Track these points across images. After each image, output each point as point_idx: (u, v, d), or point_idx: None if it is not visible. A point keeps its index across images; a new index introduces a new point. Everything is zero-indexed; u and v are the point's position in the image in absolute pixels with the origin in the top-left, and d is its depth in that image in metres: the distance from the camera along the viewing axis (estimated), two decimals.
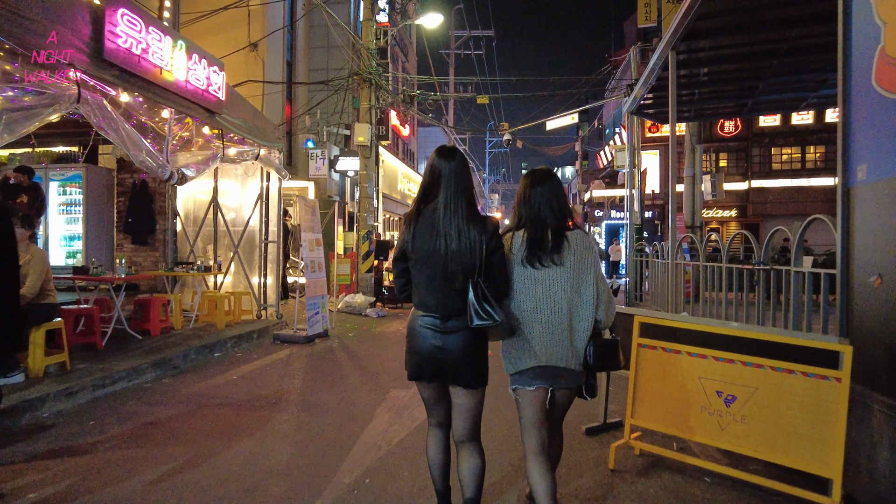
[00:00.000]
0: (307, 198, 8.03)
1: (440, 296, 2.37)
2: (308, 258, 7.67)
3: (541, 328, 2.40)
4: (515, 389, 2.48)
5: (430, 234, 2.37)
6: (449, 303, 2.36)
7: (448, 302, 2.36)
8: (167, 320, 7.39)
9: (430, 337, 2.38)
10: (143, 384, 5.37)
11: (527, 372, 2.43)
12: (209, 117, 6.75)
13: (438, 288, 2.37)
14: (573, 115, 17.86)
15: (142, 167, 5.47)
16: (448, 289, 2.35)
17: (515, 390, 2.49)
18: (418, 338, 2.42)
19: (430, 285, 2.39)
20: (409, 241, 2.42)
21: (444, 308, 2.37)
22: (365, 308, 11.44)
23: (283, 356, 6.91)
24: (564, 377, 2.44)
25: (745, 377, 3.22)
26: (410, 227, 2.43)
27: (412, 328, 2.46)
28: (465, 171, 2.45)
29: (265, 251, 8.99)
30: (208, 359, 6.60)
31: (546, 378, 2.42)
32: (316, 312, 7.85)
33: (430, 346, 2.38)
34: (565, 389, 2.49)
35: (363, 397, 5.10)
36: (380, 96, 12.74)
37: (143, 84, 5.52)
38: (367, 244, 12.20)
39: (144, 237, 8.91)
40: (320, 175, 12.65)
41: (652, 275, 11.01)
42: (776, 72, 8.92)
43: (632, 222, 12.29)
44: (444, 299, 2.37)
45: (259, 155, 8.06)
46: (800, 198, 22.75)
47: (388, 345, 7.87)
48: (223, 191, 9.19)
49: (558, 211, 2.47)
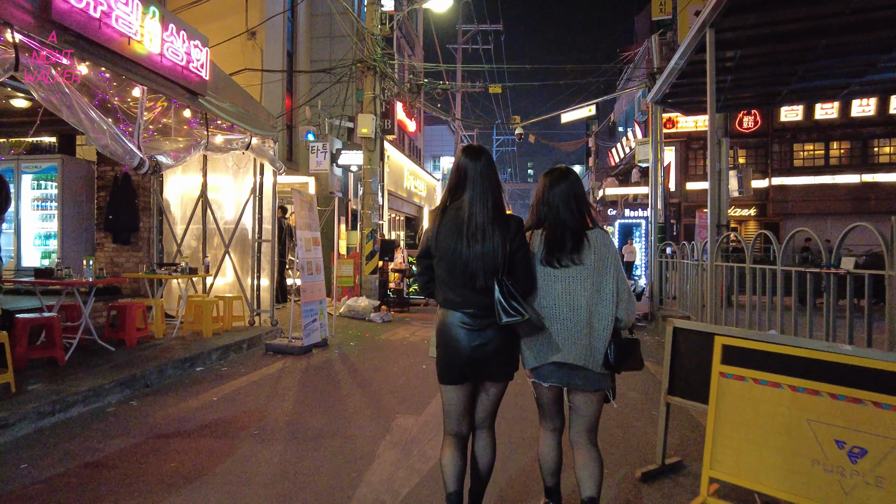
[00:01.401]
0: (303, 192, 7.22)
1: (464, 293, 2.39)
2: (304, 259, 6.84)
3: (559, 325, 2.40)
4: (534, 382, 2.55)
5: (453, 232, 2.38)
6: (474, 300, 2.38)
7: (473, 299, 2.38)
8: (146, 329, 6.59)
9: (464, 335, 2.38)
10: (105, 408, 4.54)
11: (545, 367, 2.45)
12: (190, 99, 5.94)
13: (461, 285, 2.39)
14: (589, 107, 16.97)
15: (104, 152, 4.66)
16: (471, 286, 2.36)
17: (533, 383, 2.55)
18: (450, 336, 2.40)
19: (453, 282, 2.41)
20: (433, 238, 2.44)
21: (471, 305, 2.38)
22: (369, 312, 10.62)
23: (275, 371, 6.08)
24: (581, 377, 2.42)
25: (880, 424, 2.37)
26: (434, 225, 2.45)
27: (443, 326, 2.43)
28: (491, 171, 2.45)
29: (258, 251, 8.18)
30: (188, 374, 5.78)
31: (562, 377, 2.44)
32: (313, 320, 7.02)
33: (464, 343, 2.37)
34: (584, 392, 2.46)
35: (363, 427, 4.26)
36: (385, 86, 11.91)
37: (107, 55, 4.71)
38: (371, 244, 11.37)
39: (127, 236, 8.11)
40: (321, 170, 11.81)
41: (679, 277, 10.17)
42: (822, 53, 8.04)
43: (655, 221, 11.41)
44: (467, 296, 2.38)
45: (250, 144, 7.25)
46: (823, 196, 21.77)
47: (393, 356, 7.03)
48: (214, 186, 8.39)
49: (577, 211, 2.46)
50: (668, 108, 11.78)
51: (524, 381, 2.76)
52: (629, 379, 5.93)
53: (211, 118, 6.44)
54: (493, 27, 31.16)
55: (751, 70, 9.12)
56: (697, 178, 23.27)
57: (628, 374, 6.28)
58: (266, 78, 13.60)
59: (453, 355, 2.40)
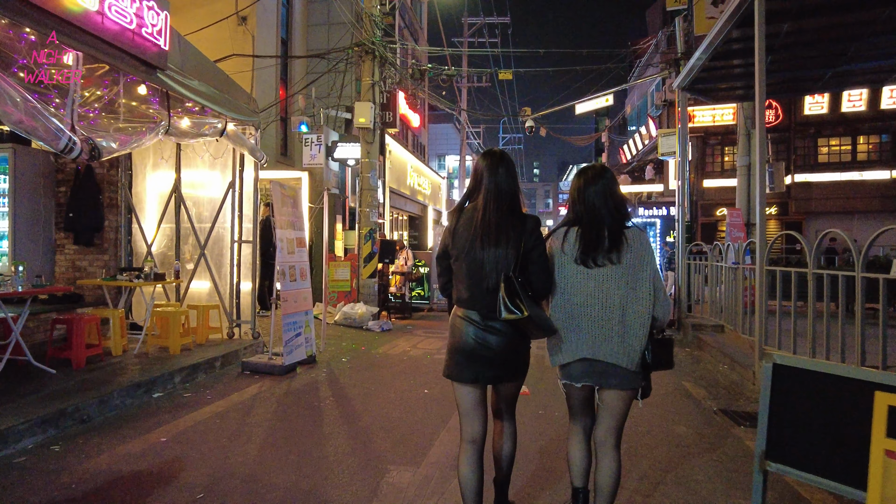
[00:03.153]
0: (284, 184, 6.22)
1: (476, 292, 2.39)
2: (285, 263, 5.85)
3: (589, 322, 2.38)
4: (565, 384, 2.50)
5: (468, 233, 2.41)
6: (485, 299, 2.37)
7: (484, 298, 2.37)
8: (99, 346, 5.60)
9: (471, 334, 2.39)
10: (13, 458, 3.55)
11: (572, 365, 2.43)
12: (146, 73, 4.95)
13: (474, 284, 2.39)
14: (606, 97, 15.88)
15: (19, 130, 3.68)
16: (484, 285, 2.36)
17: (565, 385, 2.50)
18: (459, 333, 2.43)
19: (467, 283, 2.42)
20: (450, 238, 2.48)
21: (483, 305, 2.37)
22: (366, 320, 9.63)
23: (247, 398, 5.09)
24: (613, 375, 2.38)
25: None
26: (452, 225, 2.49)
27: (453, 325, 2.48)
28: (508, 172, 2.46)
29: (238, 253, 7.20)
30: (141, 403, 4.80)
31: (593, 376, 2.41)
32: (297, 333, 6.03)
33: (472, 343, 2.38)
34: (616, 390, 2.42)
35: (344, 486, 3.26)
36: (385, 73, 10.91)
37: (23, 9, 3.73)
38: (370, 244, 10.38)
39: (90, 236, 7.14)
40: (316, 164, 10.86)
41: (712, 281, 9.14)
42: (882, 28, 6.98)
43: (682, 219, 10.36)
44: (479, 295, 2.39)
45: (225, 131, 6.26)
46: (849, 193, 20.59)
47: (389, 376, 6.03)
48: (189, 180, 7.41)
49: (615, 209, 2.43)
50: (695, 96, 10.73)
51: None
52: (669, 407, 4.91)
53: (174, 97, 5.45)
54: (499, 20, 30.12)
55: (796, 49, 8.04)
56: (715, 174, 22.19)
57: (669, 403, 5.22)
58: (258, 66, 12.62)
59: (461, 352, 2.42)
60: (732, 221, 11.02)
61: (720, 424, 4.61)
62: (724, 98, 11.45)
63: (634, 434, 4.25)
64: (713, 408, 5.10)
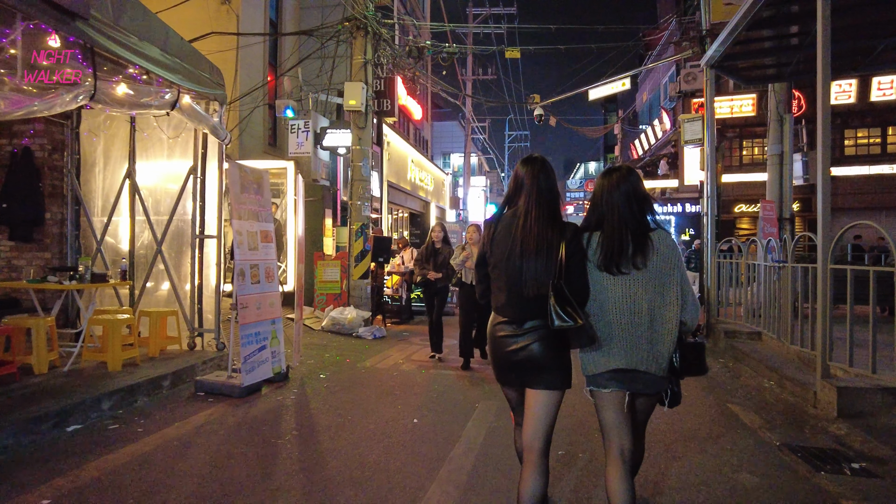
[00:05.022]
0: (242, 164, 5.14)
1: (515, 300, 2.35)
2: (245, 261, 4.79)
3: (620, 331, 2.28)
4: (592, 391, 2.37)
5: (507, 240, 2.37)
6: (524, 307, 2.32)
7: (523, 306, 2.33)
8: (12, 363, 4.55)
9: (506, 341, 2.35)
10: None
11: (603, 374, 2.30)
12: (60, 21, 3.90)
13: (513, 293, 2.35)
14: (623, 80, 14.69)
15: None
16: (523, 293, 2.31)
17: (592, 392, 2.37)
18: (495, 340, 2.40)
19: (505, 290, 2.37)
20: (489, 246, 2.45)
21: (520, 312, 2.34)
22: (357, 326, 8.57)
23: (187, 431, 4.02)
24: (643, 382, 2.29)
25: None
26: (490, 232, 2.46)
27: (490, 330, 2.45)
28: (548, 178, 2.42)
29: (200, 250, 6.15)
30: (47, 441, 3.74)
31: (623, 382, 2.29)
32: (260, 347, 4.96)
33: (506, 348, 2.35)
34: (644, 396, 2.37)
35: None
36: (380, 52, 9.84)
37: None
38: (362, 241, 9.30)
39: (27, 230, 6.13)
40: (302, 153, 9.80)
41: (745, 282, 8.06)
42: None
43: (711, 212, 9.24)
44: (518, 303, 2.34)
45: (178, 103, 5.21)
46: (879, 188, 19.35)
47: (374, 398, 4.96)
48: (145, 165, 6.37)
49: (639, 213, 2.35)
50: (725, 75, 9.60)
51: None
52: (722, 443, 3.81)
53: (104, 56, 4.40)
54: (505, 10, 28.99)
55: (849, 15, 6.85)
56: (733, 169, 21.04)
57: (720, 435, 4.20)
58: (245, 49, 11.59)
59: (499, 359, 2.40)
60: (765, 215, 9.89)
61: (792, 468, 3.56)
62: (755, 78, 10.32)
63: (689, 487, 3.18)
64: (775, 442, 4.04)
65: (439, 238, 6.94)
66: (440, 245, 6.89)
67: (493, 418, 4.44)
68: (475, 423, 4.34)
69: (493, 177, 44.15)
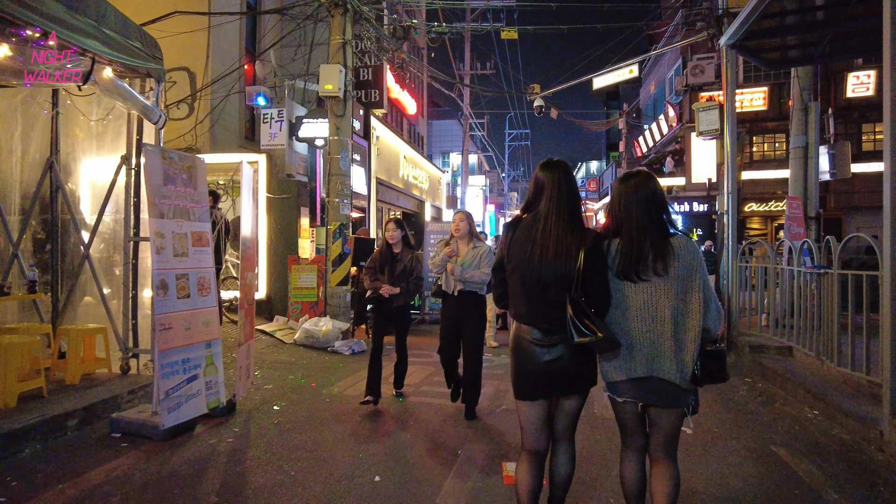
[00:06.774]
0: (166, 149, 4.13)
1: (534, 306, 2.34)
2: (167, 270, 3.80)
3: (643, 339, 2.25)
4: (609, 397, 2.38)
5: (526, 244, 2.34)
6: (545, 313, 2.31)
7: (544, 312, 2.32)
8: None
9: (536, 351, 2.33)
10: None
11: (622, 382, 2.29)
12: None
13: (533, 299, 2.33)
14: (631, 67, 13.63)
15: None
16: (542, 299, 2.30)
17: (609, 397, 2.38)
18: (522, 350, 2.37)
19: (524, 295, 2.36)
20: (507, 250, 2.42)
21: (542, 319, 2.32)
22: (333, 340, 7.58)
23: (72, 496, 3.02)
24: (661, 392, 2.24)
25: None
26: (508, 236, 2.43)
27: (516, 339, 2.42)
28: (568, 182, 2.39)
29: (135, 255, 5.15)
30: None
31: (639, 392, 2.27)
32: (191, 378, 3.96)
33: (536, 359, 2.32)
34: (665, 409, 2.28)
35: None
36: (361, 32, 8.85)
37: None
38: (340, 243, 8.30)
39: None
40: (276, 145, 8.82)
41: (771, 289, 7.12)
42: None
43: (731, 211, 8.23)
44: (538, 310, 2.33)
45: (91, 75, 4.21)
46: None
47: (331, 442, 3.95)
48: (69, 155, 5.39)
49: (658, 220, 2.30)
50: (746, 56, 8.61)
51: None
52: None
53: None
54: (504, 4, 28.00)
55: None
56: (743, 166, 19.99)
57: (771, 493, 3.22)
58: (217, 34, 10.58)
59: (526, 370, 2.36)
60: (792, 214, 8.89)
61: None
62: (780, 61, 9.30)
63: None
64: None
65: (396, 239, 4.91)
66: (399, 249, 4.95)
67: (478, 474, 3.45)
68: (455, 480, 3.35)
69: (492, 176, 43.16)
